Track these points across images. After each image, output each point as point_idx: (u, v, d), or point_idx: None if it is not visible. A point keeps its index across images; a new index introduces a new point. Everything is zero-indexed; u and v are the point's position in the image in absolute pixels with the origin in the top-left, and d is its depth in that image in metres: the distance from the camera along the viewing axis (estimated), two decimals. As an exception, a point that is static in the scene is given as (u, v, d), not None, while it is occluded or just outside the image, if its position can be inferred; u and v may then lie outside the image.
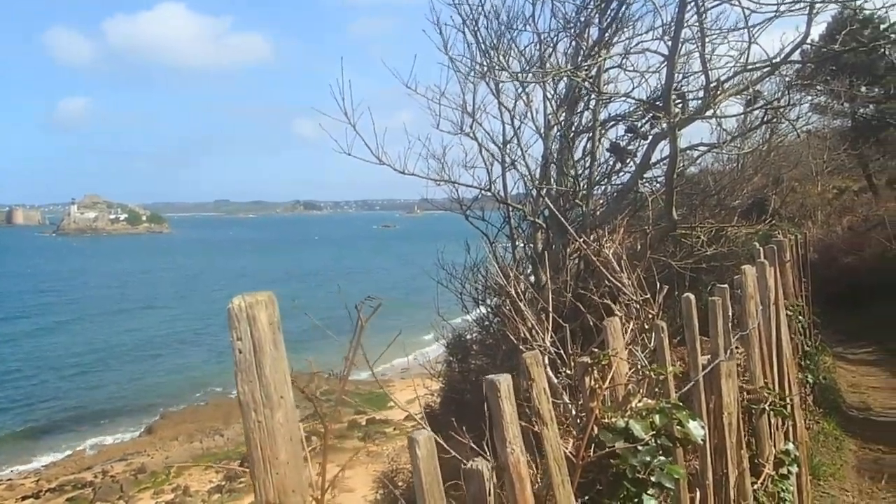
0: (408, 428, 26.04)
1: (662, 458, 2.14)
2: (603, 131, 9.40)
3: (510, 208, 9.47)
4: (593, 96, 9.01)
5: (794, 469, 4.32)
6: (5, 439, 27.79)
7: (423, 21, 8.57)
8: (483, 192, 9.31)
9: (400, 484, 12.46)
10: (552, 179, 9.49)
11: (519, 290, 3.20)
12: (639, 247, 8.65)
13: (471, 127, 8.70)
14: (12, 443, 27.41)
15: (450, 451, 2.48)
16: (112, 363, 39.85)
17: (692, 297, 2.88)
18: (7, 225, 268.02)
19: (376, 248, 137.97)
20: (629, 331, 2.66)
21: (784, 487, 4.07)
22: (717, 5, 7.75)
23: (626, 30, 8.92)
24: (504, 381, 1.66)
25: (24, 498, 21.85)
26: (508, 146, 9.24)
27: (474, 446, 2.47)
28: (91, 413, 30.98)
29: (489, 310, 11.93)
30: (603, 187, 9.87)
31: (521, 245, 9.97)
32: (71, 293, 70.79)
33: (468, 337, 12.10)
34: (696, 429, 2.31)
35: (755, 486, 3.70)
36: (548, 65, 8.87)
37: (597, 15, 8.88)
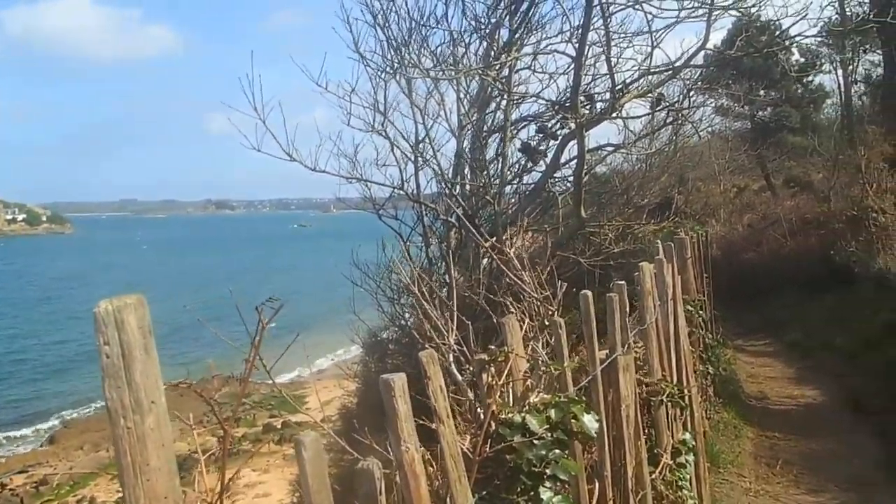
0: (325, 430, 25.72)
1: (558, 451, 2.20)
2: (514, 131, 9.54)
3: (423, 207, 9.49)
4: (504, 96, 9.14)
5: (692, 458, 4.51)
6: None
7: (334, 18, 8.48)
8: (396, 191, 9.29)
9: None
10: (465, 178, 9.57)
11: (424, 290, 3.22)
12: (549, 245, 8.84)
13: (382, 125, 8.66)
14: None
15: (352, 453, 2.48)
16: (7, 370, 37.75)
17: (589, 293, 2.97)
18: None
19: (291, 247, 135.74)
20: (528, 328, 2.72)
21: (681, 475, 4.25)
22: (622, 9, 8.01)
23: (535, 32, 9.10)
24: (398, 380, 1.67)
25: None
26: (421, 145, 9.25)
27: (376, 446, 2.48)
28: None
29: (403, 308, 11.95)
30: (514, 186, 10.02)
31: (435, 244, 10.01)
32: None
33: (384, 336, 12.07)
34: (591, 422, 2.38)
35: (653, 476, 3.85)
36: (460, 64, 8.94)
37: (507, 16, 9.01)
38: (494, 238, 9.31)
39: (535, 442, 2.13)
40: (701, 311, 8.25)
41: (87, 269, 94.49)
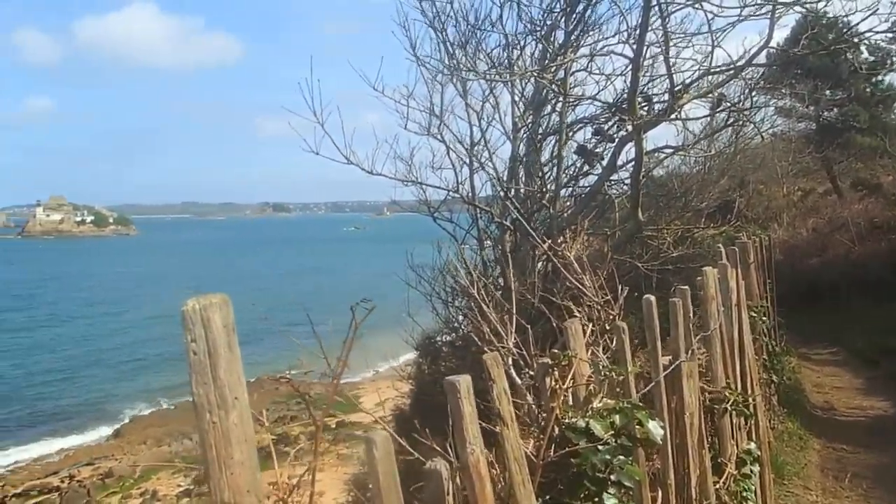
0: (380, 429, 25.93)
1: (622, 457, 2.18)
2: (570, 134, 9.47)
3: (478, 210, 9.51)
4: (560, 99, 9.08)
5: (756, 468, 4.39)
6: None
7: (391, 24, 8.58)
8: (451, 193, 9.34)
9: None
10: (520, 181, 9.55)
11: (483, 293, 3.22)
12: (606, 249, 8.74)
13: (438, 128, 8.72)
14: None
15: (413, 453, 2.50)
16: (78, 366, 39.19)
17: (653, 298, 2.93)
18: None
19: (345, 249, 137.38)
20: (590, 332, 2.69)
21: (746, 486, 4.14)
22: (681, 9, 7.86)
23: (592, 33, 9.01)
24: (463, 382, 1.68)
25: (-15, 505, 21.44)
26: (476, 148, 9.27)
27: (436, 447, 2.49)
28: (56, 416, 30.45)
29: (458, 311, 11.97)
30: (570, 189, 9.95)
31: (489, 247, 10.01)
32: (39, 297, 69.58)
33: (438, 339, 12.11)
34: (656, 428, 2.35)
35: (717, 486, 3.76)
36: (515, 67, 8.93)
37: (562, 18, 8.95)
38: (550, 241, 9.28)
39: (600, 447, 2.11)
40: (764, 318, 8.04)
41: (153, 270, 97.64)
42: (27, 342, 45.68)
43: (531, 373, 2.62)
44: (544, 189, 9.01)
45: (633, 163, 8.58)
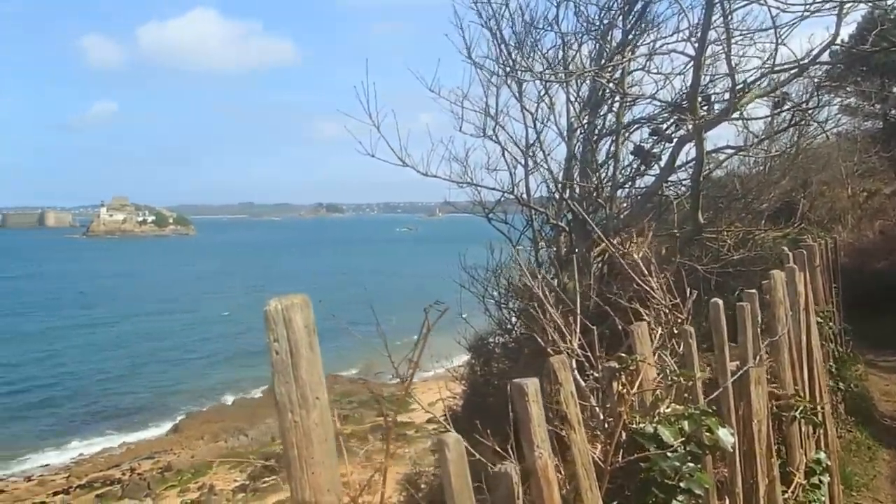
0: (430, 431, 26.04)
1: (692, 464, 2.12)
2: (627, 134, 9.35)
3: (533, 211, 9.45)
4: (617, 98, 8.97)
5: (826, 478, 4.25)
6: (36, 436, 28.27)
7: (445, 25, 8.60)
8: (506, 194, 9.30)
9: (423, 486, 12.48)
10: (575, 182, 9.45)
11: (546, 293, 3.19)
12: (664, 251, 8.58)
13: (493, 130, 8.70)
14: (42, 440, 27.87)
15: (474, 454, 2.48)
16: (139, 363, 40.43)
17: (720, 302, 2.85)
18: (39, 227, 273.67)
19: (398, 250, 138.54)
20: (657, 336, 2.64)
21: (815, 497, 4.00)
22: (744, 6, 7.68)
23: (650, 32, 8.87)
24: (532, 385, 1.65)
25: (55, 493, 22.25)
26: (531, 149, 9.22)
27: (499, 449, 2.47)
28: (119, 411, 31.47)
29: (511, 313, 11.92)
30: (626, 190, 9.82)
31: (544, 248, 9.94)
32: (105, 295, 72.03)
33: (490, 340, 12.08)
34: (726, 436, 2.29)
35: (786, 495, 3.65)
36: (571, 66, 8.85)
37: (620, 17, 8.83)
38: (617, 241, 9.16)
39: (669, 454, 2.06)
40: (830, 323, 7.79)
41: (213, 269, 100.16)
42: (94, 339, 47.31)
43: (595, 375, 2.58)
44: (600, 190, 8.90)
45: (691, 163, 8.42)
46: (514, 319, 12.31)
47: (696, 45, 7.57)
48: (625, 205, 9.63)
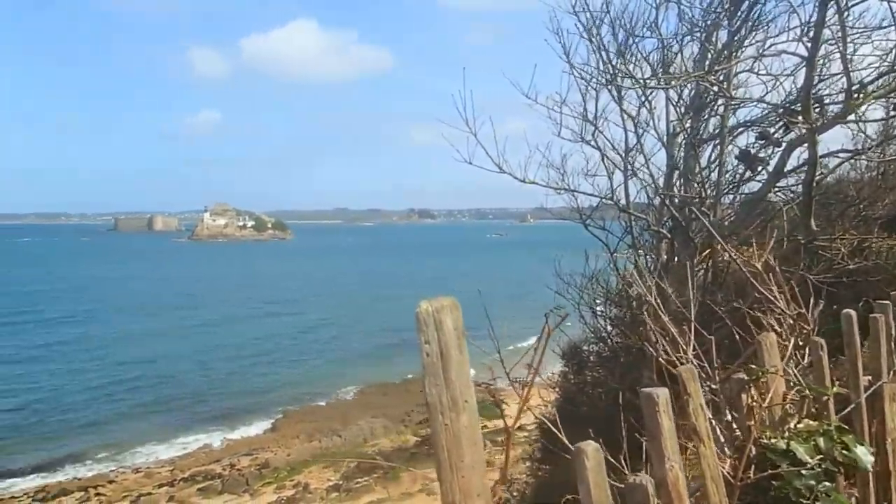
0: (520, 438, 25.88)
1: (828, 483, 2.01)
2: (732, 138, 9.04)
3: (632, 217, 9.26)
4: (721, 101, 8.68)
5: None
6: (144, 430, 29.81)
7: (538, 31, 8.55)
8: (605, 200, 9.15)
9: (514, 494, 12.41)
10: (677, 188, 9.20)
11: (658, 300, 3.10)
12: (772, 258, 8.22)
13: (593, 135, 8.58)
14: (150, 434, 29.35)
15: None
16: (241, 363, 42.04)
17: (853, 313, 2.69)
18: (148, 231, 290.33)
19: (490, 256, 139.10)
20: (785, 347, 2.52)
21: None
22: (861, 1, 7.29)
23: (757, 31, 8.54)
24: (662, 395, 1.60)
25: (160, 485, 23.35)
26: (631, 154, 9.05)
27: (611, 459, 2.41)
28: (220, 409, 32.77)
29: (608, 321, 11.71)
30: (731, 196, 9.49)
31: (643, 255, 9.73)
32: (211, 296, 75.65)
33: (585, 348, 11.92)
34: (865, 454, 2.15)
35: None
36: (672, 69, 8.63)
37: (726, 17, 8.55)
38: (709, 251, 8.87)
39: (804, 472, 1.96)
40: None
41: (310, 271, 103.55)
42: (201, 339, 49.53)
43: (713, 386, 2.49)
44: (703, 195, 8.62)
45: (801, 168, 8.06)
46: (609, 327, 12.11)
47: (809, 44, 7.23)
48: (728, 211, 9.32)
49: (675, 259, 8.85)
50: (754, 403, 2.10)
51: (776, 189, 9.08)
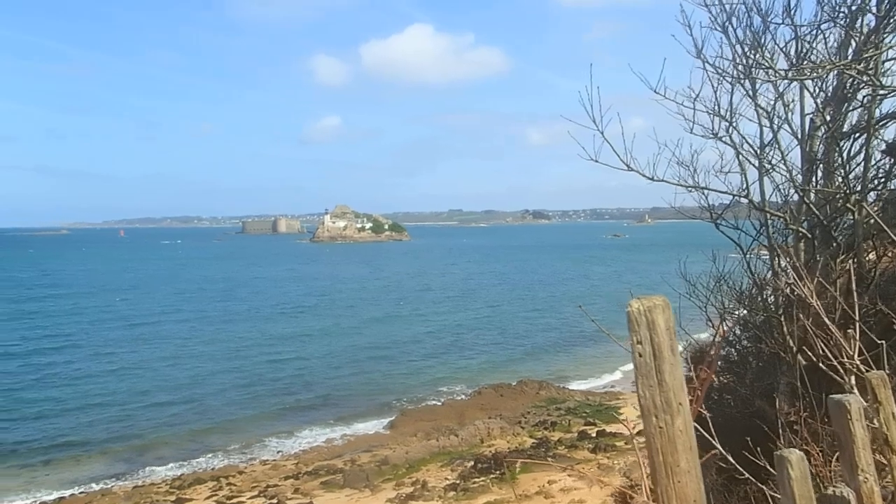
0: (640, 443, 25.11)
1: None
2: (878, 130, 8.44)
3: (767, 216, 8.83)
4: (867, 92, 8.11)
5: None
6: (273, 424, 31.24)
7: (660, 26, 8.28)
8: (738, 198, 8.77)
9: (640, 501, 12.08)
10: (817, 185, 8.69)
11: (818, 301, 2.93)
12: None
13: (727, 131, 8.24)
14: (276, 429, 30.70)
15: (742, 472, 2.34)
16: (365, 361, 43.32)
17: None
18: (273, 233, 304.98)
19: (606, 256, 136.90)
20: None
21: None
22: None
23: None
24: (855, 402, 1.51)
25: (286, 478, 24.31)
26: (766, 150, 8.62)
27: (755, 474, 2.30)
28: (343, 406, 33.87)
29: (739, 324, 11.26)
30: (877, 193, 8.87)
31: (779, 255, 9.26)
32: (329, 295, 78.76)
33: (711, 352, 11.45)
34: None
35: None
36: (807, 60, 8.14)
37: (873, 1, 7.98)
38: (853, 251, 8.32)
39: None
40: None
41: (424, 271, 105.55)
42: (327, 336, 51.42)
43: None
44: (848, 192, 8.09)
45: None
46: (737, 330, 11.61)
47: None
48: (875, 208, 8.71)
49: (816, 259, 8.36)
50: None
51: (931, 185, 8.45)
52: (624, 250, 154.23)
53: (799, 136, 8.70)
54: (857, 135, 8.61)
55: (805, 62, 8.07)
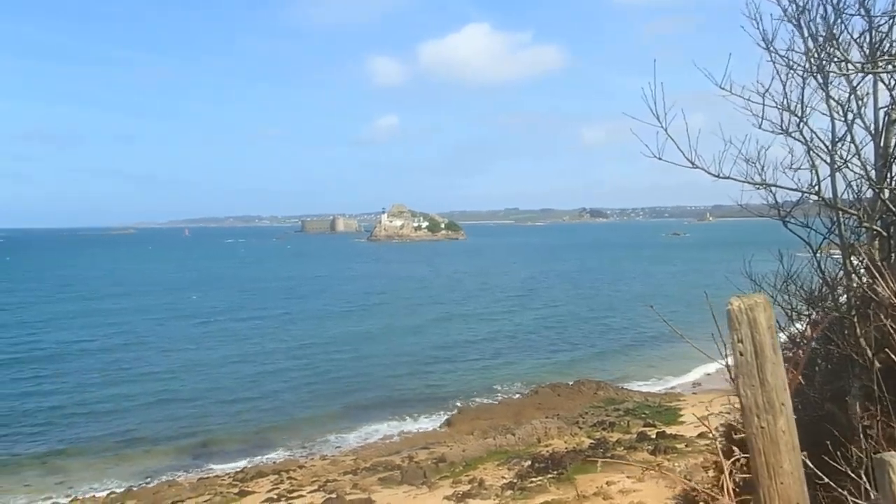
0: (701, 446, 24.63)
1: None
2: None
3: (840, 214, 8.52)
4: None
5: None
6: (333, 420, 31.74)
7: (720, 20, 8.09)
8: (808, 195, 8.49)
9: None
10: (892, 181, 8.36)
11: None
12: None
13: (797, 126, 8.00)
14: (336, 425, 31.17)
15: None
16: (421, 358, 43.79)
17: None
18: (331, 232, 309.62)
19: (667, 255, 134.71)
20: None
21: None
22: None
23: None
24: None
25: (344, 473, 24.63)
26: (839, 145, 8.33)
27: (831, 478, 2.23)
28: (400, 403, 34.23)
29: (807, 325, 10.94)
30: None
31: (850, 255, 8.94)
32: (390, 293, 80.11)
33: (799, 353, 11.20)
34: None
35: None
36: (886, 50, 7.84)
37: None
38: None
39: None
40: None
41: (484, 270, 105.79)
42: (387, 334, 52.09)
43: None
44: (928, 189, 7.77)
45: None
46: (807, 332, 11.27)
47: None
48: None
49: (892, 257, 8.05)
50: None
51: None
52: (684, 249, 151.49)
53: (873, 130, 8.38)
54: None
55: (880, 54, 7.77)
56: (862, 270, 8.50)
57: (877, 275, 3.98)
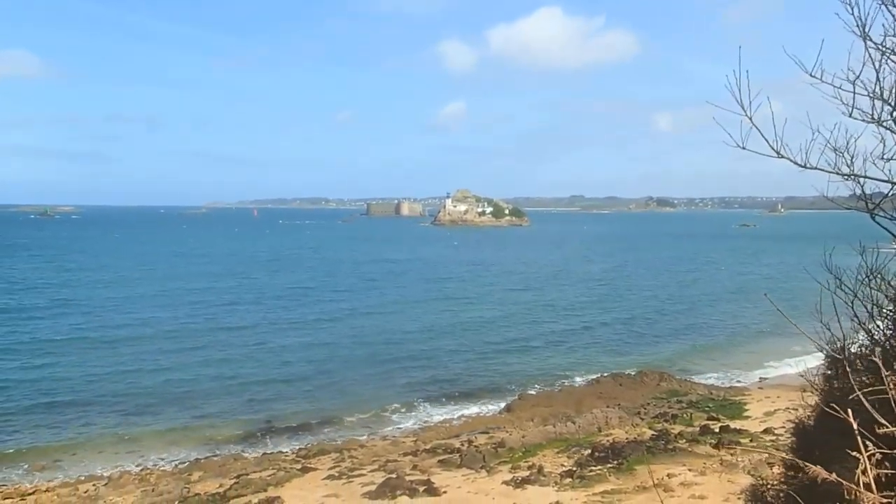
0: (766, 441, 23.94)
1: None
2: None
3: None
4: None
5: None
6: (394, 401, 32.13)
7: (803, 8, 7.76)
8: (901, 187, 8.13)
9: (769, 500, 11.57)
10: None
11: None
12: None
13: (890, 115, 7.65)
14: (397, 406, 31.55)
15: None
16: (484, 344, 44.02)
17: None
18: (395, 215, 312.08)
19: (738, 246, 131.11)
20: None
21: None
22: None
23: None
24: None
25: (405, 454, 24.89)
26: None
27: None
28: (461, 387, 34.37)
29: (890, 321, 10.49)
30: None
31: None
32: (461, 277, 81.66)
33: (853, 350, 10.78)
34: None
35: None
36: None
37: None
38: None
39: None
40: None
41: (548, 259, 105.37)
42: (459, 321, 52.25)
43: None
44: None
45: None
46: (888, 330, 10.83)
47: None
48: None
49: None
50: None
51: None
52: (755, 240, 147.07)
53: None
54: None
55: None
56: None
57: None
